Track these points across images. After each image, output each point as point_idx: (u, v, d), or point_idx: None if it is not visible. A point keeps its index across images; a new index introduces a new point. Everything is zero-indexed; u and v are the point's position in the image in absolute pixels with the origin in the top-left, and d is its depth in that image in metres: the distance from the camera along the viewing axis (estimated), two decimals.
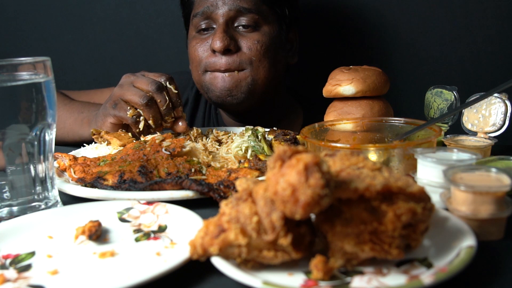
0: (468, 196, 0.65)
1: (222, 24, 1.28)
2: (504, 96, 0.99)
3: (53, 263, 0.64)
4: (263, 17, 1.32)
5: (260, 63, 1.31)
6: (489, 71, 1.68)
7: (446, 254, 0.59)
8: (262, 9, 1.32)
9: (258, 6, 1.31)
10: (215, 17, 1.30)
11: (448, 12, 1.67)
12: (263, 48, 1.30)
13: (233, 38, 1.29)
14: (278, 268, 0.59)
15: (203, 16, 1.32)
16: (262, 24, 1.32)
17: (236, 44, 1.29)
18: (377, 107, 1.09)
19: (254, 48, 1.29)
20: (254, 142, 1.04)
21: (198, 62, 1.34)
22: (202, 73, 1.34)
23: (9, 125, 0.73)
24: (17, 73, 0.74)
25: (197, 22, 1.34)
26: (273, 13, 1.35)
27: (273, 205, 0.55)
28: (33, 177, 0.78)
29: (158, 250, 0.66)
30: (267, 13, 1.33)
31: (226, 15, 1.29)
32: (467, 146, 0.94)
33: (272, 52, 1.33)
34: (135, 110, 1.12)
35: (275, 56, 1.35)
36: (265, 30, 1.33)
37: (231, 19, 1.30)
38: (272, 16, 1.35)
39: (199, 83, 1.38)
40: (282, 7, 1.38)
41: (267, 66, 1.32)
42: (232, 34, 1.29)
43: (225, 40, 1.26)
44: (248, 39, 1.30)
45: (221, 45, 1.25)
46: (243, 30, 1.31)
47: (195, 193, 0.83)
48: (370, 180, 0.57)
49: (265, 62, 1.32)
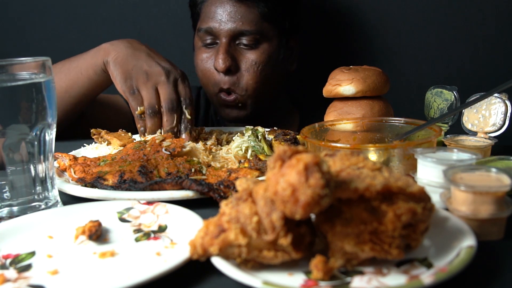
0: (468, 196, 0.65)
1: (225, 44, 1.36)
2: (504, 96, 0.99)
3: (53, 263, 0.64)
4: (263, 35, 1.38)
5: (257, 85, 1.40)
6: (489, 71, 1.68)
7: (446, 254, 0.59)
8: (263, 27, 1.37)
9: (260, 25, 1.37)
10: (218, 36, 1.37)
11: (448, 12, 1.67)
12: (260, 68, 1.39)
13: (233, 58, 1.37)
14: (278, 268, 0.59)
15: (207, 33, 1.39)
16: (262, 41, 1.39)
17: (236, 64, 1.37)
18: (377, 107, 1.09)
19: (252, 70, 1.38)
20: (254, 142, 1.04)
21: (208, 80, 1.42)
22: (214, 93, 1.44)
23: (9, 125, 0.73)
24: (17, 73, 0.74)
25: (202, 36, 1.41)
26: (274, 28, 1.40)
27: (273, 205, 0.55)
28: (33, 177, 0.78)
29: (158, 250, 0.66)
30: (267, 30, 1.39)
31: (228, 35, 1.36)
32: (467, 146, 0.94)
33: (269, 70, 1.41)
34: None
35: (273, 72, 1.42)
36: (265, 48, 1.39)
37: (233, 39, 1.36)
38: (272, 31, 1.40)
39: (211, 100, 1.50)
40: (283, 22, 1.43)
41: (265, 85, 1.41)
42: (232, 53, 1.37)
43: (226, 61, 1.34)
44: (247, 60, 1.38)
45: (223, 67, 1.34)
46: (244, 48, 1.37)
47: (195, 193, 0.83)
48: (370, 180, 0.57)
49: (263, 82, 1.40)
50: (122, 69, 1.15)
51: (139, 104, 1.12)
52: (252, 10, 1.35)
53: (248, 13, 1.35)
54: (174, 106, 1.12)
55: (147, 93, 1.12)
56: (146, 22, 1.90)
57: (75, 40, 1.96)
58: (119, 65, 1.16)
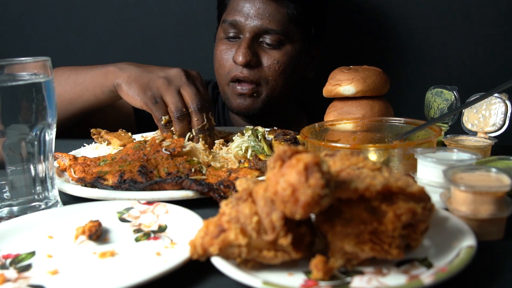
0: (468, 196, 0.65)
1: (248, 40, 1.34)
2: (504, 96, 0.99)
3: (53, 263, 0.64)
4: (287, 36, 1.37)
5: (276, 82, 1.39)
6: (489, 71, 1.68)
7: (446, 254, 0.59)
8: (289, 29, 1.37)
9: (285, 26, 1.36)
10: (242, 30, 1.36)
11: (448, 12, 1.67)
12: (281, 68, 1.37)
13: (255, 53, 1.35)
14: (278, 268, 0.59)
15: (232, 26, 1.37)
16: (285, 43, 1.37)
17: (258, 59, 1.36)
18: (377, 107, 1.09)
19: (273, 68, 1.36)
20: (254, 142, 1.04)
21: (223, 69, 1.40)
22: (226, 83, 1.41)
23: (9, 125, 0.73)
24: (17, 73, 0.74)
25: (226, 28, 1.39)
26: (299, 32, 1.39)
27: (273, 205, 0.55)
28: (33, 177, 0.78)
29: (158, 250, 0.66)
30: (293, 33, 1.38)
31: (252, 31, 1.34)
32: (467, 146, 0.94)
33: (289, 71, 1.40)
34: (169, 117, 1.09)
35: (292, 74, 1.42)
36: (287, 49, 1.38)
37: (256, 36, 1.35)
38: (297, 35, 1.40)
39: (222, 90, 1.46)
40: (309, 27, 1.43)
41: (282, 84, 1.40)
42: (255, 49, 1.36)
43: (247, 56, 1.32)
44: (269, 57, 1.36)
45: (243, 61, 1.32)
46: (267, 46, 1.36)
47: (195, 193, 0.83)
48: (370, 180, 0.57)
49: (281, 81, 1.39)
50: (138, 84, 1.12)
51: (163, 113, 1.08)
52: (281, 10, 1.34)
53: (276, 12, 1.34)
54: (202, 104, 1.09)
55: (172, 97, 1.08)
56: (146, 22, 1.90)
57: (75, 40, 1.96)
58: (134, 82, 1.13)
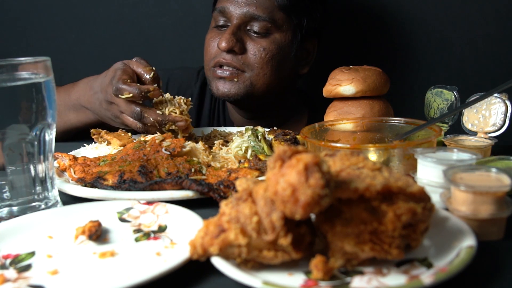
0: (468, 196, 0.65)
1: (233, 26, 1.32)
2: (504, 96, 0.99)
3: (53, 263, 0.64)
4: (276, 24, 1.34)
5: (261, 70, 1.34)
6: (489, 71, 1.68)
7: (446, 254, 0.59)
8: (278, 16, 1.34)
9: (274, 13, 1.33)
10: (230, 18, 1.34)
11: (448, 12, 1.67)
12: (268, 56, 1.33)
13: (240, 40, 1.33)
14: (278, 268, 0.59)
15: (221, 13, 1.36)
16: (273, 31, 1.34)
17: (243, 46, 1.33)
18: (377, 107, 1.09)
19: (259, 55, 1.33)
20: (254, 142, 1.04)
21: (209, 56, 1.39)
22: (208, 68, 1.40)
23: (9, 125, 0.73)
24: (17, 73, 0.74)
25: (216, 16, 1.39)
26: (289, 21, 1.36)
27: (273, 205, 0.55)
28: (33, 177, 0.78)
29: (158, 250, 0.66)
30: (282, 21, 1.35)
31: (239, 18, 1.33)
32: (467, 146, 0.94)
33: (277, 61, 1.35)
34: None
35: (280, 65, 1.37)
36: (276, 38, 1.35)
37: (244, 23, 1.33)
38: (287, 24, 1.36)
39: (206, 76, 1.45)
40: (300, 17, 1.39)
41: (268, 74, 1.35)
42: (241, 36, 1.33)
43: (230, 41, 1.30)
44: (256, 44, 1.33)
45: (225, 46, 1.30)
46: (253, 34, 1.34)
47: (195, 193, 0.83)
48: (370, 180, 0.57)
49: (267, 70, 1.34)
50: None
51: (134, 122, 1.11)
52: None
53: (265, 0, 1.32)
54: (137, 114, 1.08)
55: (125, 120, 1.12)
56: (146, 21, 1.90)
57: (75, 40, 1.96)
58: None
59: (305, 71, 1.50)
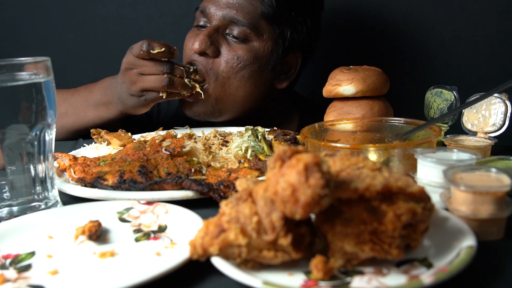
0: (468, 196, 0.65)
1: (211, 28, 1.27)
2: (504, 96, 0.99)
3: (53, 263, 0.64)
4: (256, 32, 1.28)
5: (227, 80, 1.27)
6: (489, 71, 1.68)
7: (446, 254, 0.59)
8: (259, 24, 1.28)
9: (255, 20, 1.27)
10: (210, 19, 1.30)
11: (448, 12, 1.67)
12: (239, 66, 1.27)
13: (216, 43, 1.26)
14: (278, 268, 0.59)
15: (202, 13, 1.32)
16: (253, 39, 1.28)
17: (217, 50, 1.27)
18: (377, 107, 1.09)
19: (231, 63, 1.26)
20: (254, 142, 1.04)
21: (184, 57, 1.35)
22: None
23: (9, 125, 0.73)
24: (17, 73, 0.74)
25: (197, 16, 1.35)
26: (271, 30, 1.30)
27: (273, 205, 0.55)
28: (33, 177, 0.78)
29: (158, 250, 0.66)
30: (263, 29, 1.29)
31: (218, 20, 1.27)
32: (467, 146, 0.94)
33: (249, 71, 1.28)
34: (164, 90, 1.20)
35: (253, 76, 1.29)
36: (254, 46, 1.28)
37: (223, 25, 1.28)
38: (269, 33, 1.30)
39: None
40: (283, 27, 1.32)
41: (238, 85, 1.28)
42: (217, 39, 1.27)
43: (203, 44, 1.24)
44: (231, 50, 1.27)
45: (197, 48, 1.25)
46: (231, 39, 1.28)
47: (195, 193, 0.83)
48: (370, 180, 0.57)
49: (235, 81, 1.28)
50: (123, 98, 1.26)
51: (157, 95, 1.21)
52: (253, 3, 1.27)
53: (247, 4, 1.26)
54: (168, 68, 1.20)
55: (148, 80, 1.19)
56: (146, 21, 1.90)
57: (75, 40, 1.96)
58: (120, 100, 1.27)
59: (283, 86, 1.41)
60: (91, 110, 1.34)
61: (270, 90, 1.39)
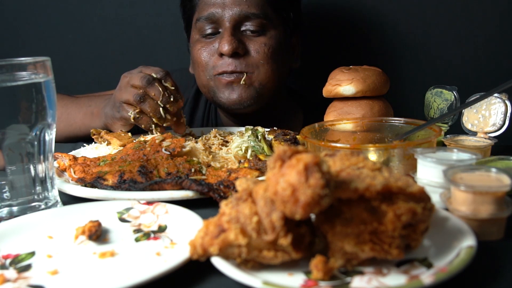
0: (468, 196, 0.65)
1: (229, 28, 1.28)
2: (504, 96, 0.99)
3: (53, 263, 0.64)
4: (269, 21, 1.32)
5: (268, 66, 1.31)
6: (489, 71, 1.68)
7: (446, 254, 0.59)
8: (268, 13, 1.32)
9: (265, 10, 1.30)
10: (221, 22, 1.30)
11: (448, 12, 1.67)
12: (270, 51, 1.31)
13: (240, 41, 1.29)
14: (278, 268, 0.59)
15: (208, 20, 1.31)
16: (269, 28, 1.32)
17: (244, 47, 1.29)
18: (377, 107, 1.09)
19: (262, 51, 1.29)
20: (254, 142, 1.04)
21: (204, 66, 1.33)
22: (209, 78, 1.34)
23: (9, 125, 0.73)
24: (17, 73, 0.74)
25: (201, 26, 1.33)
26: (278, 17, 1.35)
27: (273, 205, 0.55)
28: (33, 177, 0.78)
29: (158, 250, 0.66)
30: (273, 17, 1.33)
31: (233, 19, 1.28)
32: (467, 146, 0.94)
33: (278, 56, 1.33)
34: (136, 109, 1.11)
35: (281, 60, 1.35)
36: (272, 34, 1.33)
37: (237, 24, 1.29)
38: (277, 20, 1.35)
39: (206, 87, 1.37)
40: (288, 11, 1.38)
41: (275, 69, 1.32)
42: (239, 37, 1.29)
43: (233, 43, 1.25)
44: (256, 42, 1.30)
45: (230, 48, 1.25)
46: (250, 34, 1.31)
47: (195, 193, 0.83)
48: (370, 180, 0.57)
49: (273, 65, 1.32)
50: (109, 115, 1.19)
51: (128, 111, 1.12)
52: None
53: None
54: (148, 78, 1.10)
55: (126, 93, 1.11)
56: (145, 22, 1.90)
57: (74, 40, 1.96)
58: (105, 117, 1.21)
59: (297, 65, 1.49)
60: (80, 116, 1.33)
61: (289, 72, 1.47)
